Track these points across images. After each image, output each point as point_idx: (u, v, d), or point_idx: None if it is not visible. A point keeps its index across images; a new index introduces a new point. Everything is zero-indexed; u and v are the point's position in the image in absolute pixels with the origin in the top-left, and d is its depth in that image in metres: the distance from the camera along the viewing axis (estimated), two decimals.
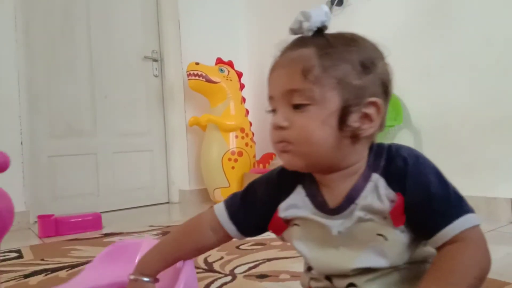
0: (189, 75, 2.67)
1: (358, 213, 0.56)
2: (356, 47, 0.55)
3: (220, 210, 0.69)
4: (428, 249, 0.59)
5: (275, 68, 0.59)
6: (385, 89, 0.57)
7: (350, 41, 0.56)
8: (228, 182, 2.62)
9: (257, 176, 0.68)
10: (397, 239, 0.55)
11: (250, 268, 1.18)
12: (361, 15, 2.26)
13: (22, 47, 2.33)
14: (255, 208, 0.66)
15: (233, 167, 2.63)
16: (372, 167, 0.58)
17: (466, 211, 0.53)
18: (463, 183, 0.59)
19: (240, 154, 2.68)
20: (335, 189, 0.59)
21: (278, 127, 0.56)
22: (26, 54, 2.38)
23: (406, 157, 0.56)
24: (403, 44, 2.01)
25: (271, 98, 0.59)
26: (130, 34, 2.83)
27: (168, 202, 2.94)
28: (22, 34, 2.34)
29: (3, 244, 1.76)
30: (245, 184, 2.81)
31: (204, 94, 2.79)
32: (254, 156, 2.81)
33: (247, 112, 2.87)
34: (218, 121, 2.66)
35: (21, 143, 2.27)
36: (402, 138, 2.10)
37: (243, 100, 2.84)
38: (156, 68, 2.93)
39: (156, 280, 0.71)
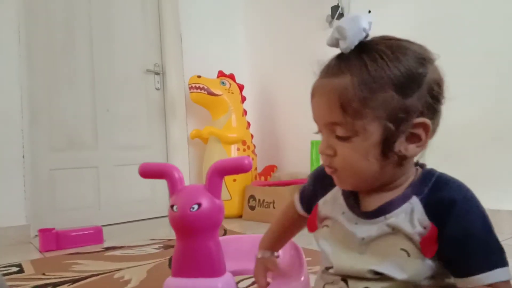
0: (191, 88, 2.69)
1: (385, 228, 0.55)
2: (399, 63, 0.52)
3: (296, 194, 0.75)
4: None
5: (315, 93, 0.58)
6: (435, 99, 0.55)
7: (391, 58, 0.52)
8: (230, 195, 2.62)
9: (258, 188, 0.75)
10: (420, 258, 0.54)
11: (253, 283, 1.17)
12: None
13: (24, 61, 2.35)
14: (308, 195, 0.71)
15: (234, 180, 2.62)
16: (415, 189, 0.56)
17: (504, 263, 0.52)
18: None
19: None
20: (373, 199, 0.59)
21: (323, 154, 0.58)
22: (29, 68, 2.40)
23: (455, 191, 0.54)
24: None
25: (315, 121, 0.60)
26: (132, 48, 2.85)
27: None
28: (25, 48, 2.37)
29: (2, 258, 1.76)
30: (247, 197, 2.79)
31: (205, 107, 2.81)
32: (256, 169, 2.81)
33: (249, 124, 2.88)
34: (220, 133, 2.67)
35: (23, 157, 2.27)
36: None
37: (245, 112, 2.85)
38: (158, 81, 2.95)
39: (277, 256, 0.78)
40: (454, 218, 0.52)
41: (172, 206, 0.60)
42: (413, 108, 0.53)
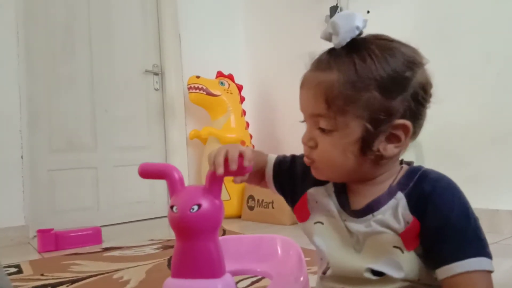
0: (189, 88, 2.69)
1: (374, 225, 0.56)
2: (386, 65, 0.53)
3: (272, 155, 0.73)
4: None
5: (303, 84, 0.60)
6: (419, 103, 0.55)
7: (380, 58, 0.53)
8: (229, 195, 2.61)
9: (257, 188, 0.72)
10: (413, 254, 0.55)
11: (253, 283, 1.17)
12: None
13: (23, 62, 2.35)
14: (290, 176, 0.69)
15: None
16: (400, 185, 0.57)
17: (482, 253, 0.52)
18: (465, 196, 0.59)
19: None
20: (360, 195, 0.60)
21: (305, 145, 0.60)
22: (27, 69, 2.39)
23: (435, 184, 0.55)
24: None
25: (301, 111, 0.61)
26: (131, 48, 2.85)
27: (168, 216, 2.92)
28: (24, 49, 2.36)
29: (0, 259, 1.75)
30: (246, 197, 2.78)
31: (204, 107, 2.81)
32: None
33: (248, 124, 2.88)
34: (219, 134, 2.67)
35: (21, 157, 2.27)
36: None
37: (244, 113, 2.85)
38: (156, 82, 2.95)
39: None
40: (432, 209, 0.53)
41: (171, 207, 0.60)
42: (395, 110, 0.54)
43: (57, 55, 2.56)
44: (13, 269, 1.55)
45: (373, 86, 0.53)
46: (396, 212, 0.55)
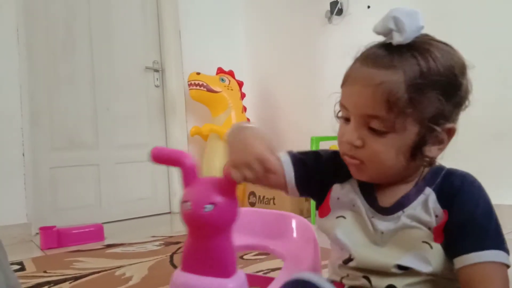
0: (190, 85, 2.69)
1: (404, 219, 0.57)
2: (447, 69, 0.53)
3: (283, 153, 0.65)
4: None
5: (357, 80, 0.55)
6: (464, 107, 0.58)
7: (442, 62, 0.53)
8: None
9: (258, 185, 0.67)
10: (441, 249, 0.56)
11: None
12: (361, 24, 2.27)
13: (24, 60, 2.34)
14: (317, 172, 0.65)
15: None
16: (427, 181, 0.59)
17: (500, 247, 0.54)
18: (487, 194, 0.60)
19: None
20: (388, 193, 0.60)
21: (350, 144, 0.56)
22: (28, 67, 2.39)
23: (463, 180, 0.57)
24: None
25: (344, 107, 0.58)
26: (131, 45, 2.84)
27: (169, 213, 2.92)
28: (25, 47, 2.36)
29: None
30: (247, 193, 2.77)
31: (205, 104, 2.80)
32: None
33: (248, 121, 2.88)
34: (220, 130, 2.67)
35: (23, 155, 2.27)
36: None
37: (244, 109, 2.85)
38: (157, 79, 2.94)
39: None
40: (459, 204, 0.55)
41: (185, 202, 0.56)
42: (449, 114, 0.55)
43: (57, 54, 2.55)
44: (16, 267, 1.56)
45: (436, 90, 0.52)
46: (426, 207, 0.56)
